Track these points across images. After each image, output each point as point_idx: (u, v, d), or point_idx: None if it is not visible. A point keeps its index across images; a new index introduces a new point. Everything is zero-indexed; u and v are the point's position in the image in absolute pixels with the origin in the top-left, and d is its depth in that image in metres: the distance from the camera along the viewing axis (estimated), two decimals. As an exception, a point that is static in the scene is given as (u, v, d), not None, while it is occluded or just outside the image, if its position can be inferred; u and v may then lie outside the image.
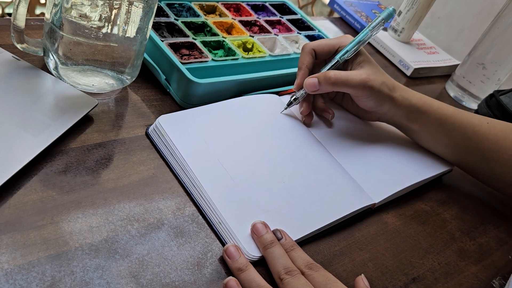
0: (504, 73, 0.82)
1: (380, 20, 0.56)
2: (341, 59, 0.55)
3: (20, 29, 0.46)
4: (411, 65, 0.86)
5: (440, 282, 0.48)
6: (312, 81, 0.54)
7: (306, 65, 0.56)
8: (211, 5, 0.70)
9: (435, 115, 0.56)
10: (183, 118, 0.50)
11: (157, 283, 0.37)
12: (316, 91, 0.54)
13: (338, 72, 0.53)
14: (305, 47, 0.56)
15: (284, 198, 0.47)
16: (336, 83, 0.53)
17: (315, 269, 0.41)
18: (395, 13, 0.56)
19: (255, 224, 0.42)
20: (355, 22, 0.96)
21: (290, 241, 0.43)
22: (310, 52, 0.56)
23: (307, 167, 0.51)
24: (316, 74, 0.54)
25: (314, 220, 0.46)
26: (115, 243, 0.39)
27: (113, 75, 0.51)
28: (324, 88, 0.53)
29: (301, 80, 0.55)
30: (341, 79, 0.53)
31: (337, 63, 0.55)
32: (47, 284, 0.34)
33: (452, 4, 1.26)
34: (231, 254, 0.40)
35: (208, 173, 0.45)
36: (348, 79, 0.53)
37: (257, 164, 0.49)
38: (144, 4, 0.46)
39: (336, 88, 0.53)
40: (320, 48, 0.56)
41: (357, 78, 0.53)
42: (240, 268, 0.39)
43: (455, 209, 0.58)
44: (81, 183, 0.42)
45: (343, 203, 0.49)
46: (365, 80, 0.53)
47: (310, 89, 0.54)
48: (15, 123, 0.43)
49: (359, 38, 0.56)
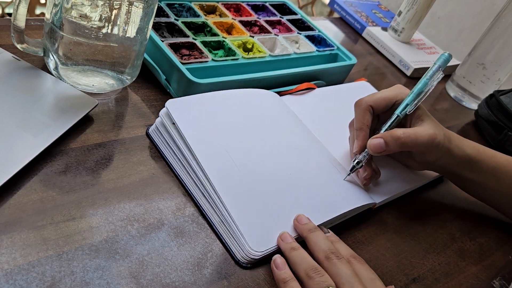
0: (504, 73, 0.82)
1: (437, 68, 0.53)
2: (402, 114, 0.51)
3: (20, 29, 0.46)
4: (411, 65, 0.86)
5: (440, 282, 0.48)
6: (378, 142, 0.49)
7: (367, 125, 0.51)
8: (211, 5, 0.70)
9: (489, 164, 0.53)
10: (192, 103, 0.49)
11: (157, 283, 0.37)
12: (382, 152, 0.49)
13: (406, 130, 0.49)
14: (360, 103, 0.51)
15: (288, 194, 0.46)
16: (406, 143, 0.49)
17: (360, 261, 0.42)
18: (451, 58, 0.53)
19: (299, 215, 0.44)
20: (355, 22, 0.96)
21: (335, 236, 0.44)
22: (367, 109, 0.51)
23: (311, 167, 0.51)
24: (381, 134, 0.50)
25: (317, 215, 0.46)
26: (115, 243, 0.39)
27: (113, 75, 0.51)
28: (392, 148, 0.49)
29: (363, 142, 0.51)
30: (411, 138, 0.49)
31: (398, 119, 0.51)
32: (47, 285, 0.34)
33: (452, 4, 1.26)
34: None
35: (213, 161, 0.45)
36: (417, 137, 0.49)
37: (262, 155, 0.48)
38: (144, 4, 0.46)
39: (406, 147, 0.50)
40: (377, 103, 0.51)
41: (425, 135, 0.49)
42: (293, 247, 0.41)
43: (456, 209, 0.58)
44: (81, 183, 0.42)
45: (345, 199, 0.49)
46: (433, 136, 0.49)
47: (376, 151, 0.49)
48: (15, 123, 0.43)
49: (418, 89, 0.52)
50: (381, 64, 0.87)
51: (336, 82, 0.70)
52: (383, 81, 0.82)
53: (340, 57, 0.72)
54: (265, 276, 0.41)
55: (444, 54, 0.54)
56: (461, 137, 0.55)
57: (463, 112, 0.83)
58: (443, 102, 0.84)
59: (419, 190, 0.58)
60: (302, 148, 0.52)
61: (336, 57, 0.73)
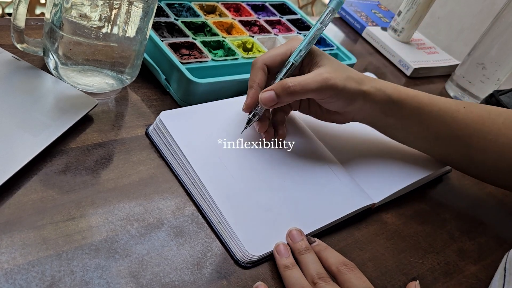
0: (503, 73, 0.82)
1: (330, 10, 0.51)
2: (296, 60, 0.49)
3: (20, 29, 0.46)
4: (411, 65, 0.86)
5: (440, 282, 0.48)
6: (268, 95, 0.47)
7: (258, 83, 0.49)
8: (211, 5, 0.70)
9: (412, 104, 0.51)
10: (185, 115, 0.49)
11: (157, 283, 0.37)
12: (275, 104, 0.47)
13: (295, 78, 0.47)
14: (255, 62, 0.50)
15: (284, 198, 0.47)
16: (296, 91, 0.46)
17: (351, 268, 0.42)
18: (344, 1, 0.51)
19: (291, 231, 0.44)
20: (355, 22, 0.96)
21: (322, 244, 0.44)
22: (261, 67, 0.49)
23: (307, 167, 0.51)
24: (272, 86, 0.48)
25: (314, 220, 0.46)
26: (115, 243, 0.39)
27: (113, 75, 0.51)
28: (284, 99, 0.47)
29: (251, 100, 0.49)
30: (300, 85, 0.46)
31: (292, 67, 0.49)
32: (46, 284, 0.34)
33: (452, 4, 1.26)
34: (280, 251, 0.42)
35: (208, 170, 0.45)
36: (307, 83, 0.47)
37: (258, 163, 0.49)
38: (144, 4, 0.46)
39: (297, 96, 0.47)
40: (272, 59, 0.49)
41: (318, 79, 0.47)
42: (287, 265, 0.41)
43: (455, 209, 0.58)
44: (81, 183, 0.42)
45: (343, 203, 0.49)
46: (326, 79, 0.47)
47: (268, 104, 0.47)
48: (15, 123, 0.43)
49: (311, 33, 0.50)
50: (380, 64, 0.87)
51: (336, 82, 0.70)
52: (383, 81, 0.82)
53: (340, 57, 0.72)
54: (265, 276, 0.41)
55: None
56: (379, 79, 0.53)
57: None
58: (442, 102, 0.84)
59: (418, 189, 0.58)
60: (298, 151, 0.52)
61: (336, 57, 0.73)
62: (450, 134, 0.53)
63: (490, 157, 0.52)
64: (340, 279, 0.41)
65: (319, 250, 0.43)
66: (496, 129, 0.52)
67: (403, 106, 0.51)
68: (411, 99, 0.52)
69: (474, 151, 0.53)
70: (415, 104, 0.52)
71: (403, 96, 0.51)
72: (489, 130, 0.52)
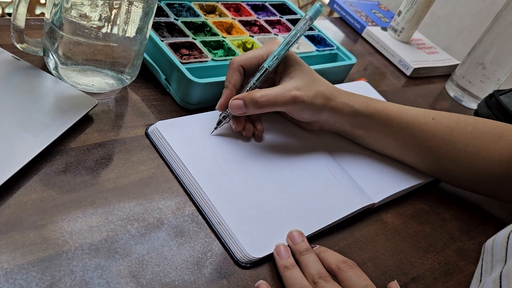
0: (503, 73, 0.82)
1: (308, 19, 0.51)
2: (270, 66, 0.50)
3: (20, 29, 0.46)
4: (410, 65, 0.86)
5: (440, 282, 0.48)
6: (237, 104, 0.48)
7: (233, 83, 0.50)
8: (211, 5, 0.70)
9: (381, 118, 0.53)
10: (181, 124, 0.50)
11: (157, 282, 0.37)
12: (244, 113, 0.49)
13: (265, 92, 0.48)
14: (231, 63, 0.50)
15: (283, 200, 0.47)
16: (264, 105, 0.48)
17: (351, 265, 0.42)
18: (322, 9, 0.51)
19: (292, 232, 0.44)
20: (355, 22, 0.96)
21: (322, 247, 0.44)
22: (237, 68, 0.50)
23: (306, 168, 0.51)
24: (242, 95, 0.49)
25: (314, 221, 0.46)
26: (115, 242, 0.39)
27: (113, 75, 0.51)
28: (251, 111, 0.48)
29: (225, 100, 0.50)
30: (269, 101, 0.48)
31: (266, 72, 0.50)
32: (46, 284, 0.34)
33: (452, 4, 1.26)
34: (280, 252, 0.42)
35: (207, 176, 0.46)
36: (276, 99, 0.48)
37: (256, 166, 0.49)
38: (144, 4, 0.46)
39: (265, 110, 0.48)
40: (248, 62, 0.50)
41: (287, 96, 0.48)
42: (286, 266, 0.41)
43: (455, 209, 0.58)
44: (81, 183, 0.42)
45: (342, 203, 0.49)
46: (294, 96, 0.48)
47: (236, 112, 0.49)
48: (15, 123, 0.43)
49: (287, 39, 0.51)
50: (380, 64, 0.87)
51: (336, 81, 0.71)
52: (383, 80, 0.82)
53: (339, 57, 0.72)
54: (265, 276, 0.41)
55: (315, 4, 0.51)
56: (351, 93, 0.54)
57: (462, 112, 0.83)
58: (442, 102, 0.84)
59: (418, 189, 0.58)
60: (297, 153, 0.53)
61: (336, 57, 0.73)
62: (419, 144, 0.54)
63: (460, 165, 0.54)
64: (341, 277, 0.41)
65: (319, 252, 0.44)
66: (464, 139, 0.53)
67: (371, 120, 0.53)
68: (380, 113, 0.53)
69: (444, 160, 0.54)
70: (383, 118, 0.53)
71: (372, 110, 0.53)
72: (457, 140, 0.53)
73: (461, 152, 0.53)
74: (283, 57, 0.51)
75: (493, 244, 0.48)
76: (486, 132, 0.54)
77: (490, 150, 0.53)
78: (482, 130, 0.54)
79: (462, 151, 0.53)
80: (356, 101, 0.53)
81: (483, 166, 0.53)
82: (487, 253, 0.48)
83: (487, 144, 0.53)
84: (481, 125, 0.54)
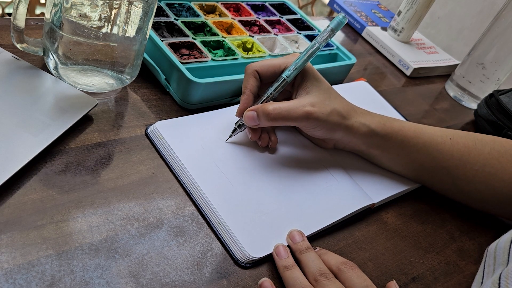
0: (503, 73, 0.82)
1: (329, 30, 0.50)
2: (288, 76, 0.49)
3: (20, 29, 0.46)
4: (410, 65, 0.86)
5: (440, 282, 0.48)
6: (251, 115, 0.48)
7: (249, 89, 0.50)
8: (211, 5, 0.70)
9: (397, 138, 0.52)
10: (181, 124, 0.50)
11: (157, 282, 0.37)
12: (257, 125, 0.49)
13: (278, 106, 0.47)
14: (247, 68, 0.51)
15: (283, 200, 0.47)
16: (276, 119, 0.47)
17: (351, 267, 0.42)
18: (345, 21, 0.50)
19: (292, 232, 0.44)
20: (355, 22, 0.96)
21: (323, 249, 0.44)
22: (252, 74, 0.50)
23: (306, 168, 0.51)
24: (256, 106, 0.49)
25: (314, 221, 0.46)
26: (114, 242, 0.39)
27: (113, 75, 0.51)
28: (264, 123, 0.48)
29: (243, 106, 0.50)
30: (281, 115, 0.47)
31: (284, 82, 0.49)
32: (46, 284, 0.34)
33: (452, 4, 1.26)
34: (279, 252, 0.42)
35: (207, 176, 0.46)
36: (289, 114, 0.47)
37: (255, 167, 0.49)
38: (144, 4, 0.46)
39: (277, 123, 0.48)
40: (264, 69, 0.50)
41: (300, 111, 0.47)
42: (286, 266, 0.41)
43: (455, 209, 0.58)
44: (81, 182, 0.42)
45: (342, 203, 0.49)
46: (308, 113, 0.47)
47: (250, 124, 0.49)
48: (15, 123, 0.43)
49: (309, 52, 0.50)
50: (380, 64, 0.87)
51: (336, 81, 0.71)
52: (383, 80, 0.82)
53: (339, 56, 0.72)
54: (265, 276, 0.41)
55: (338, 16, 0.50)
56: (367, 111, 0.53)
57: (462, 111, 0.83)
58: (442, 101, 0.84)
59: (418, 189, 0.58)
60: (296, 154, 0.53)
61: (336, 57, 0.73)
62: (436, 165, 0.53)
63: (477, 186, 0.53)
64: (341, 278, 0.41)
65: (319, 254, 0.43)
66: (482, 159, 0.53)
67: (387, 140, 0.52)
68: (396, 133, 0.52)
69: (460, 181, 0.53)
70: (400, 138, 0.52)
71: (388, 130, 0.52)
72: (475, 161, 0.52)
73: (478, 173, 0.52)
74: (301, 69, 0.50)
75: (496, 248, 0.47)
76: (504, 152, 0.53)
77: (507, 171, 0.52)
78: (500, 150, 0.53)
79: (479, 172, 0.52)
80: (373, 120, 0.52)
81: (500, 187, 0.52)
82: (490, 256, 0.48)
83: (505, 165, 0.52)
84: (498, 145, 0.54)
